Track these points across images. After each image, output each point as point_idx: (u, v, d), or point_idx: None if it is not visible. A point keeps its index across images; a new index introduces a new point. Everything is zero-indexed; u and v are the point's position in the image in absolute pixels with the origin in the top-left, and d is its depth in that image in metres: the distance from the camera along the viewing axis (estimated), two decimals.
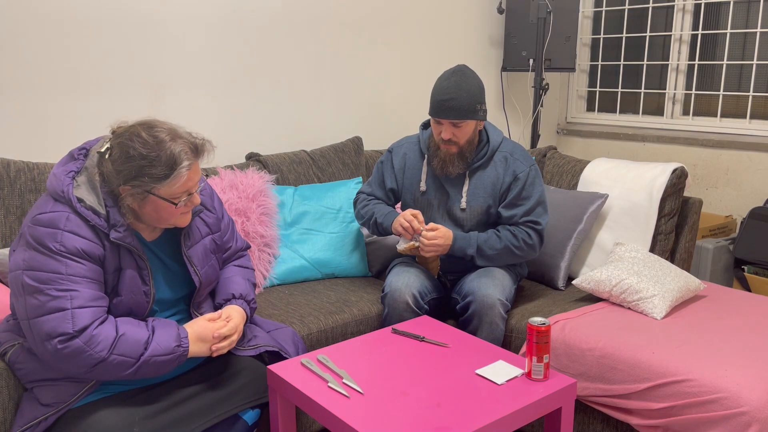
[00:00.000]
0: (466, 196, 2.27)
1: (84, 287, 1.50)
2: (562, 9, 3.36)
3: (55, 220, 1.51)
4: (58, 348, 1.45)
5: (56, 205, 1.54)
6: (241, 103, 2.84)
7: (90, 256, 1.52)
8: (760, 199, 3.29)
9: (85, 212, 1.52)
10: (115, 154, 1.53)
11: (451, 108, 2.13)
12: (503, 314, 2.11)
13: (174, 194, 1.56)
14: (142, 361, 1.52)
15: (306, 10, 2.95)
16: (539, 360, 1.61)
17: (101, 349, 1.47)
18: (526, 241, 2.23)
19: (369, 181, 2.47)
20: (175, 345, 1.56)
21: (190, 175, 1.56)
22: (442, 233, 2.19)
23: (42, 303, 1.47)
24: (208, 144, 1.63)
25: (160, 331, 1.57)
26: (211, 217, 1.81)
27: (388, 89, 3.33)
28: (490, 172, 2.27)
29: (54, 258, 1.49)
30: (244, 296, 1.81)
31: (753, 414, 1.61)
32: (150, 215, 1.59)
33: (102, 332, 1.49)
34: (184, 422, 1.60)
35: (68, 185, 1.54)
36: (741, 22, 3.42)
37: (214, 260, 1.80)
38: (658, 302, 2.08)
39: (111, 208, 1.55)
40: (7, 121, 2.29)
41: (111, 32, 2.44)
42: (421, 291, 2.15)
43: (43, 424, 1.53)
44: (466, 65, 2.21)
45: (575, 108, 4.15)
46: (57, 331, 1.45)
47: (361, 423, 1.44)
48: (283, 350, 1.83)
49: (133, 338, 1.52)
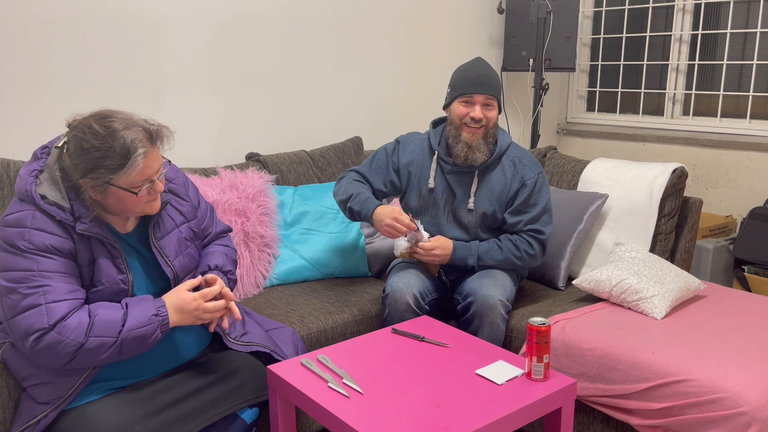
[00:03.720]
0: (475, 198, 2.23)
1: (57, 282, 1.50)
2: (562, 9, 3.36)
3: (21, 220, 1.51)
4: (33, 344, 1.46)
5: (22, 204, 1.54)
6: (241, 103, 2.84)
7: (60, 251, 1.52)
8: (760, 199, 3.29)
9: (49, 208, 1.52)
10: (71, 148, 1.52)
11: (485, 83, 2.13)
12: (504, 315, 2.11)
13: (133, 183, 1.55)
14: (122, 338, 1.52)
15: (306, 10, 2.95)
16: (539, 360, 1.61)
17: (77, 336, 1.48)
18: (528, 252, 2.23)
19: (364, 163, 2.36)
20: (152, 314, 1.56)
21: (146, 162, 1.54)
22: (440, 244, 2.18)
23: (16, 302, 1.48)
24: (165, 130, 1.60)
25: (135, 306, 1.57)
26: (185, 205, 1.80)
27: (388, 89, 3.33)
28: (497, 176, 2.24)
29: (24, 256, 1.49)
30: (220, 267, 1.81)
31: (753, 414, 1.61)
32: (115, 206, 1.58)
33: (74, 320, 1.49)
34: (184, 420, 1.60)
35: (31, 184, 1.54)
36: (741, 22, 3.42)
37: (192, 248, 1.79)
38: (658, 302, 2.08)
39: (74, 201, 1.55)
40: (7, 121, 2.29)
41: (111, 32, 2.44)
42: (422, 291, 2.15)
43: (43, 422, 1.53)
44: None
45: (575, 108, 4.15)
46: (33, 327, 1.46)
47: (361, 423, 1.44)
48: (275, 352, 1.82)
49: (108, 318, 1.52)
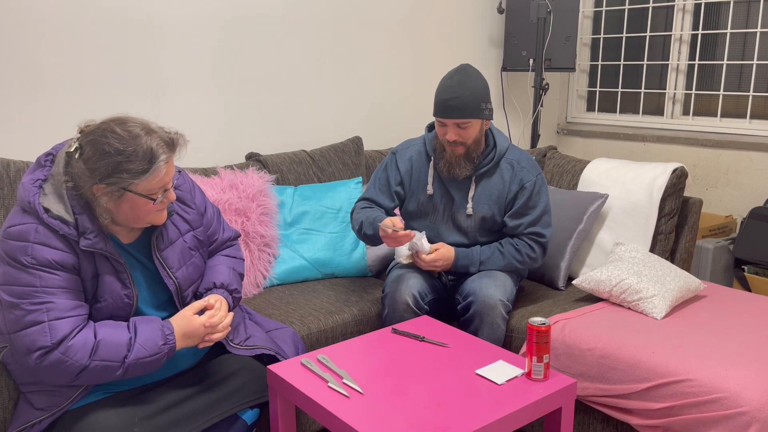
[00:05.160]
0: (472, 203, 2.23)
1: (60, 298, 1.48)
2: (562, 9, 3.36)
3: (24, 233, 1.47)
4: (37, 362, 1.44)
5: (25, 216, 1.50)
6: (241, 103, 2.84)
7: (63, 266, 1.49)
8: (760, 199, 3.29)
9: (52, 222, 1.48)
10: (88, 153, 1.48)
11: (454, 107, 2.08)
12: (504, 315, 2.11)
13: (152, 190, 1.53)
14: (128, 364, 1.50)
15: (306, 11, 2.95)
16: (539, 360, 1.61)
17: (81, 357, 1.46)
18: (530, 255, 2.23)
19: (367, 187, 2.36)
20: (161, 344, 1.54)
21: (167, 169, 1.53)
22: (441, 255, 2.18)
23: (18, 318, 1.45)
24: (182, 138, 1.59)
25: (144, 331, 1.54)
26: (190, 213, 1.77)
27: (388, 89, 3.32)
28: (496, 180, 2.23)
29: (26, 272, 1.46)
30: (225, 285, 1.78)
31: (753, 414, 1.61)
32: (126, 214, 1.55)
33: (79, 340, 1.46)
34: (183, 422, 1.60)
35: (35, 195, 1.49)
36: (741, 22, 3.42)
37: (197, 257, 1.76)
38: (659, 302, 2.08)
39: (80, 215, 1.50)
40: (7, 121, 2.29)
41: (111, 32, 2.44)
42: (421, 292, 2.15)
43: (37, 426, 1.53)
44: (470, 64, 2.16)
45: (575, 108, 4.15)
46: (36, 345, 1.44)
47: (361, 423, 1.44)
48: (279, 353, 1.82)
49: (113, 341, 1.50)
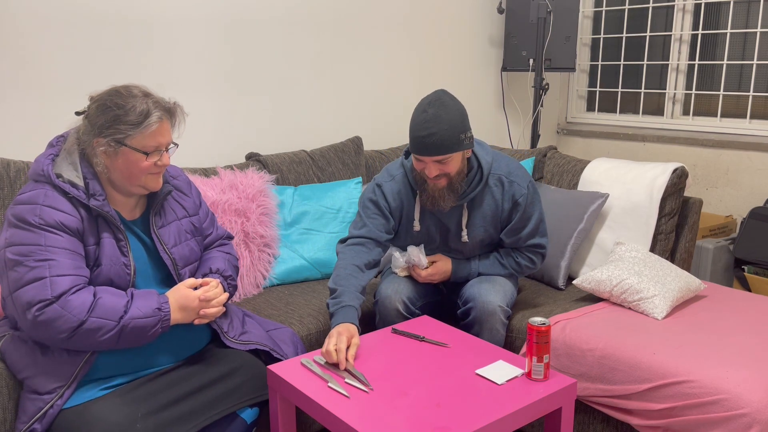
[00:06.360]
0: (467, 229, 2.15)
1: (62, 257, 1.54)
2: (562, 9, 3.36)
3: (34, 197, 1.57)
4: (36, 315, 1.49)
5: (36, 185, 1.61)
6: (241, 103, 2.84)
7: (69, 228, 1.57)
8: (760, 199, 3.29)
9: (63, 185, 1.58)
10: (92, 111, 1.61)
11: (431, 144, 1.91)
12: (504, 320, 2.09)
13: (146, 145, 1.61)
14: (122, 324, 1.55)
15: (306, 11, 2.95)
16: (539, 360, 1.61)
17: (78, 312, 1.51)
18: (530, 266, 2.23)
19: (358, 221, 2.15)
20: (156, 308, 1.60)
21: (161, 127, 1.63)
22: (438, 269, 2.17)
23: (21, 274, 1.51)
24: (180, 109, 1.70)
25: (140, 296, 1.61)
26: (187, 200, 1.86)
27: (388, 89, 3.32)
28: (488, 201, 2.12)
29: (33, 231, 1.54)
30: (221, 271, 1.84)
31: (754, 415, 1.61)
32: (121, 171, 1.62)
33: (79, 297, 1.53)
34: (185, 419, 1.61)
35: (48, 165, 1.61)
36: (741, 22, 3.42)
37: (192, 242, 1.83)
38: (659, 302, 2.08)
39: (90, 180, 1.61)
40: (7, 121, 2.28)
41: (111, 32, 2.44)
42: (410, 297, 2.11)
43: (50, 413, 1.54)
44: (444, 90, 1.98)
45: (575, 108, 4.15)
46: (36, 298, 1.49)
47: (361, 423, 1.44)
48: (275, 350, 1.82)
49: (111, 302, 1.56)
